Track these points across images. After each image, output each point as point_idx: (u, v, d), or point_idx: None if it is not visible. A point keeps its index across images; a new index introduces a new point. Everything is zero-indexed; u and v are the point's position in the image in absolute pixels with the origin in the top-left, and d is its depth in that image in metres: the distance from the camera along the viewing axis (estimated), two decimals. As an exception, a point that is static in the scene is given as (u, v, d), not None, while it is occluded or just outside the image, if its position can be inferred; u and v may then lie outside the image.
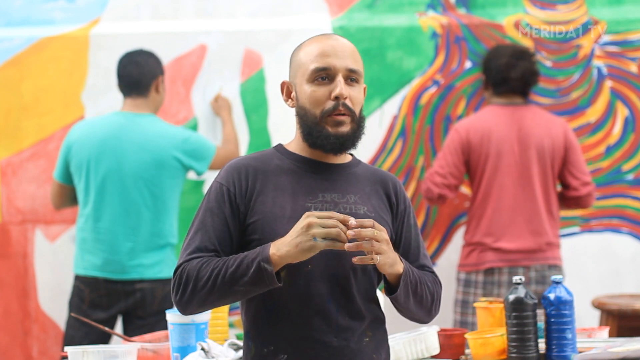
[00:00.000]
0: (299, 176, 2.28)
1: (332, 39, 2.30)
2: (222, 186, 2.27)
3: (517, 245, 3.95)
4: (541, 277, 3.94)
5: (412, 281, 2.25)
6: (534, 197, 3.98)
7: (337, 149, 2.27)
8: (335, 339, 2.22)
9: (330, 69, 2.25)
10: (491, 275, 3.96)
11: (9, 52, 4.33)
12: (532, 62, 4.05)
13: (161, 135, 3.91)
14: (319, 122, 2.25)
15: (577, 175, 4.03)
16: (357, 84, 2.28)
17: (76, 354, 2.59)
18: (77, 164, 3.93)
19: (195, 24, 4.37)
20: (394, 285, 2.23)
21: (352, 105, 2.26)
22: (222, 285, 2.16)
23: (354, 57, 2.28)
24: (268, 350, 2.23)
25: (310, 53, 2.27)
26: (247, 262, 2.14)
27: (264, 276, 2.13)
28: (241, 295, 2.19)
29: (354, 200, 2.28)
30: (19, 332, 4.31)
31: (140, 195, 3.87)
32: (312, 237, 2.09)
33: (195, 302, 2.20)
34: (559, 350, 2.70)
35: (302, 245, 2.10)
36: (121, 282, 3.87)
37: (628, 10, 4.38)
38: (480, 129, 4.00)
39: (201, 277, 2.17)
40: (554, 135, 4.01)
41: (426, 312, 2.34)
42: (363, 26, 4.33)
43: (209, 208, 2.26)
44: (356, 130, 2.28)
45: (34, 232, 4.30)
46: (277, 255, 2.12)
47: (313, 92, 2.25)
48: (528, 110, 4.05)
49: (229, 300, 2.21)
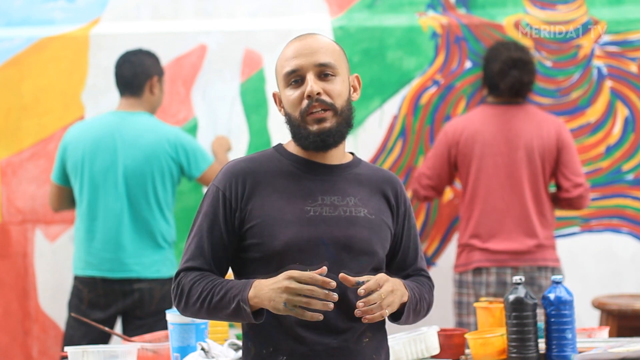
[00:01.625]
0: (298, 178, 2.27)
1: (301, 39, 2.28)
2: (218, 190, 2.26)
3: (505, 246, 3.93)
4: (529, 278, 3.91)
5: (414, 303, 2.28)
6: (523, 198, 3.95)
7: (319, 146, 2.25)
8: (335, 340, 2.22)
9: (299, 69, 2.24)
10: (479, 275, 3.95)
11: (9, 52, 4.33)
12: (525, 71, 3.98)
13: (153, 131, 3.89)
14: (300, 123, 2.24)
15: (569, 177, 3.99)
16: (333, 76, 2.25)
17: (76, 354, 2.59)
18: (72, 165, 3.93)
19: (195, 24, 4.37)
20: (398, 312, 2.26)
21: (331, 98, 2.23)
22: (208, 309, 2.21)
23: (324, 51, 2.25)
24: (267, 351, 2.23)
25: (282, 59, 2.28)
26: (229, 296, 2.17)
27: (243, 314, 2.17)
28: (227, 320, 2.27)
29: (354, 203, 2.27)
30: (19, 332, 4.31)
31: (134, 193, 3.87)
32: (283, 301, 2.10)
33: (190, 314, 2.26)
34: (559, 350, 2.70)
35: (273, 304, 2.12)
36: (119, 281, 3.87)
37: (628, 10, 4.38)
38: (467, 129, 3.99)
39: (192, 295, 2.22)
40: (545, 135, 3.97)
41: (420, 319, 2.37)
42: (363, 26, 4.33)
43: (205, 213, 2.27)
44: (341, 123, 2.25)
45: (34, 232, 4.30)
46: (254, 299, 2.15)
47: (289, 96, 2.25)
48: (521, 110, 4.02)
49: (219, 320, 2.27)
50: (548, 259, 3.96)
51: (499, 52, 4.05)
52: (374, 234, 2.26)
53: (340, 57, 2.28)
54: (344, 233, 2.23)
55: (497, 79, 3.99)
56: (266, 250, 2.21)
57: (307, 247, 2.20)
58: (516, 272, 3.92)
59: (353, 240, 2.23)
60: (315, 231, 2.19)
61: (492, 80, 4.02)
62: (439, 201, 4.32)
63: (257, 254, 2.22)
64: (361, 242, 2.24)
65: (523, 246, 3.93)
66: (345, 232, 2.23)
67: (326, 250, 2.21)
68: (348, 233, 2.23)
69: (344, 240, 2.22)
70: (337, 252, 2.21)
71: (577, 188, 3.98)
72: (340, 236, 2.22)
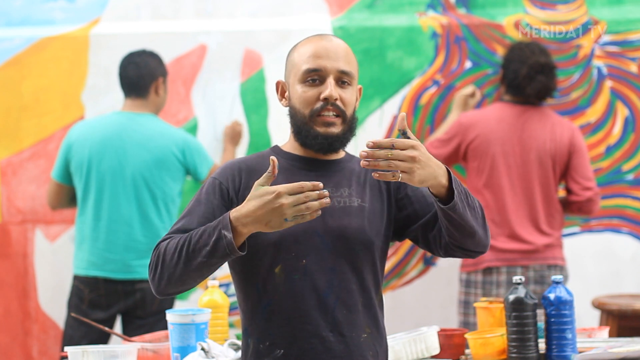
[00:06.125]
0: (292, 174, 2.29)
1: (326, 39, 2.31)
2: (215, 180, 2.29)
3: (515, 245, 3.95)
4: (540, 277, 3.94)
5: (462, 191, 2.17)
6: (533, 198, 3.98)
7: (325, 149, 2.28)
8: (331, 333, 2.23)
9: (322, 70, 2.26)
10: (489, 275, 3.96)
11: (9, 52, 4.33)
12: (550, 77, 4.01)
13: (162, 134, 3.92)
14: (308, 122, 2.27)
15: (578, 180, 4.02)
16: (349, 85, 2.29)
17: (76, 354, 2.59)
18: (77, 163, 3.93)
19: (195, 24, 4.37)
20: (445, 196, 2.13)
21: (344, 106, 2.27)
22: (186, 257, 2.13)
23: (346, 58, 2.29)
24: (264, 346, 2.24)
25: (303, 54, 2.29)
26: (208, 230, 2.12)
27: (224, 244, 2.09)
28: (206, 268, 2.14)
29: (348, 193, 2.29)
30: (19, 332, 4.31)
31: (140, 195, 3.88)
32: (283, 217, 2.06)
33: (165, 278, 2.17)
34: (559, 350, 2.70)
35: (272, 224, 2.07)
36: (121, 282, 3.87)
37: (628, 10, 4.38)
38: (482, 126, 3.99)
39: (168, 251, 2.16)
40: (558, 139, 4.00)
41: (482, 228, 2.23)
42: (363, 26, 4.33)
43: (199, 199, 2.28)
44: (346, 131, 2.29)
45: (34, 232, 4.30)
46: (240, 224, 2.09)
47: (304, 92, 2.27)
48: (537, 112, 4.04)
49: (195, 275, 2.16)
50: (557, 257, 3.99)
51: (525, 54, 4.03)
52: (369, 223, 2.27)
53: (356, 68, 2.32)
54: (338, 223, 2.24)
55: (523, 82, 4.00)
56: (262, 242, 2.22)
57: (302, 238, 2.22)
58: (526, 271, 3.93)
59: (347, 230, 2.25)
60: (309, 222, 2.17)
61: (516, 82, 4.02)
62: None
63: (252, 245, 2.21)
64: (356, 231, 2.25)
65: (532, 245, 3.95)
66: (340, 222, 2.25)
67: (321, 241, 2.23)
68: (342, 223, 2.25)
69: (338, 230, 2.24)
70: (332, 242, 2.22)
71: (586, 192, 4.00)
72: (334, 226, 2.24)
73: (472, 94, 4.23)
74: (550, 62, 4.04)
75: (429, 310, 4.31)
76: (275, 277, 2.22)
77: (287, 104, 2.33)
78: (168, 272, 2.16)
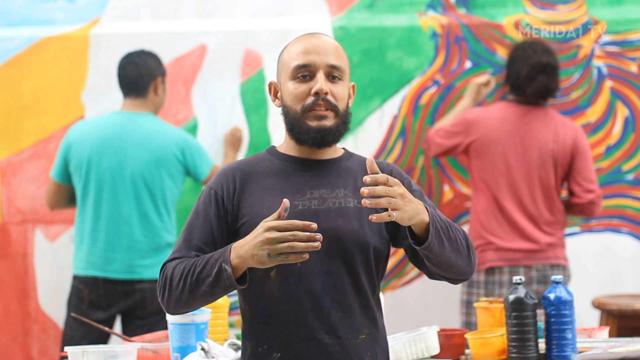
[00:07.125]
0: (288, 175, 2.29)
1: (315, 37, 2.31)
2: (210, 189, 2.30)
3: (518, 245, 3.96)
4: (542, 276, 3.94)
5: (442, 226, 2.17)
6: (535, 198, 3.98)
7: (318, 142, 2.28)
8: (327, 335, 2.22)
9: (311, 65, 2.27)
10: (492, 275, 3.97)
11: (9, 52, 4.33)
12: (552, 77, 4.00)
13: (162, 134, 3.92)
14: (300, 117, 2.27)
15: (581, 182, 4.02)
16: (340, 80, 2.29)
17: (76, 354, 2.59)
18: (77, 163, 3.93)
19: (195, 24, 4.37)
20: (424, 235, 2.14)
21: (335, 100, 2.27)
22: (191, 286, 2.17)
23: (336, 53, 2.29)
24: (262, 349, 2.24)
25: (292, 52, 2.30)
26: (211, 262, 2.16)
27: (224, 277, 2.12)
28: (210, 297, 2.19)
29: (344, 194, 2.28)
30: (19, 332, 4.31)
31: (140, 195, 3.88)
32: (266, 253, 2.07)
33: (173, 302, 2.22)
34: (559, 350, 2.70)
35: (257, 258, 2.09)
36: (121, 282, 3.87)
37: (628, 10, 4.38)
38: (485, 125, 4.00)
39: (175, 277, 2.20)
40: (560, 140, 4.00)
41: (465, 259, 2.23)
42: (363, 26, 4.33)
43: (197, 211, 2.29)
44: (340, 125, 2.28)
45: (34, 232, 4.30)
46: (236, 260, 2.12)
47: (294, 89, 2.27)
48: (540, 112, 4.04)
49: (201, 300, 2.20)
50: (560, 257, 3.99)
51: (527, 54, 4.03)
52: (365, 224, 2.26)
53: (347, 64, 2.33)
54: (333, 225, 2.23)
55: (523, 82, 4.00)
56: None
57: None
58: (529, 271, 3.93)
59: (342, 231, 2.24)
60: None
61: (518, 82, 4.02)
62: (439, 201, 4.32)
63: None
64: (351, 232, 2.24)
65: (535, 245, 3.95)
66: (334, 223, 2.24)
67: None
68: (337, 224, 2.24)
69: (333, 231, 2.23)
70: (327, 244, 2.20)
71: (588, 194, 4.00)
72: (329, 228, 2.22)
73: (487, 82, 4.23)
74: (552, 61, 4.03)
75: (429, 310, 4.31)
76: (271, 281, 2.22)
77: (280, 104, 2.33)
78: (175, 297, 2.21)
